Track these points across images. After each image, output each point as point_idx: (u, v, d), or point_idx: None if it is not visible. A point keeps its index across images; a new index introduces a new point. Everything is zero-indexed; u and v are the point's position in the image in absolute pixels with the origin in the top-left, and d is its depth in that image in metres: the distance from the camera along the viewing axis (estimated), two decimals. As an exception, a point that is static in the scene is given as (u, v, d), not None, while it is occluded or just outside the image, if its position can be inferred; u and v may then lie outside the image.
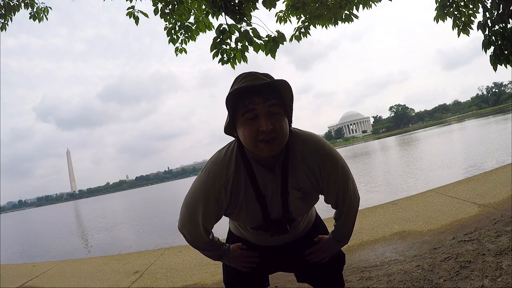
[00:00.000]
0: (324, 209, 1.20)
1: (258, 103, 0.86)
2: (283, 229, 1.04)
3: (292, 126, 1.00)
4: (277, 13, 3.50)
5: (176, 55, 3.42)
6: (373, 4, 3.40)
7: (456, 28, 3.14)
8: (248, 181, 0.96)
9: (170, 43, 3.32)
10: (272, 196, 0.98)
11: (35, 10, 3.69)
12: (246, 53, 2.74)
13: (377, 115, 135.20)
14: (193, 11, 3.29)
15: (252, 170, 0.96)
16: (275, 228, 1.03)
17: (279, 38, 2.60)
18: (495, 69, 2.57)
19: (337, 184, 1.00)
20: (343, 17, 3.43)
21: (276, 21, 3.56)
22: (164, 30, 3.27)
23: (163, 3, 3.13)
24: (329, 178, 0.98)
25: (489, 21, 2.60)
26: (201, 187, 0.97)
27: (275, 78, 0.90)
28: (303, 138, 0.97)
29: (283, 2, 3.47)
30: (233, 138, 1.01)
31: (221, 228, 1.31)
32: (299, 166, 0.97)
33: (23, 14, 3.74)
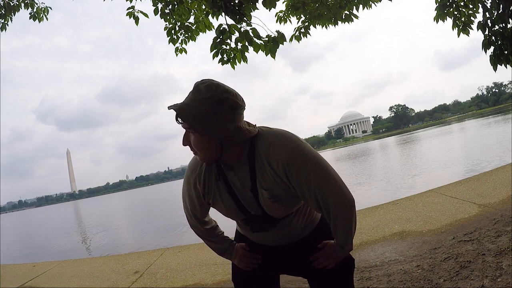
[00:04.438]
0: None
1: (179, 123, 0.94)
2: (262, 226, 1.06)
3: (260, 125, 1.00)
4: (277, 13, 3.50)
5: (176, 55, 3.42)
6: (373, 4, 3.40)
7: (456, 28, 3.14)
8: (218, 174, 1.03)
9: (170, 43, 3.32)
10: (241, 192, 1.01)
11: (35, 10, 3.69)
12: (246, 53, 2.74)
13: (377, 115, 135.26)
14: (193, 11, 3.29)
15: (220, 165, 1.02)
16: (253, 224, 1.07)
17: (279, 38, 2.60)
18: (495, 69, 2.57)
19: (311, 186, 0.93)
20: (343, 17, 3.43)
21: (276, 21, 3.56)
22: (164, 30, 3.27)
23: (163, 3, 3.13)
24: (299, 181, 0.92)
25: (489, 21, 2.59)
26: (185, 179, 1.10)
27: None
28: (268, 140, 0.94)
29: (283, 2, 3.46)
30: None
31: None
32: (264, 168, 0.94)
33: (26, 15, 3.74)
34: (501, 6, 2.47)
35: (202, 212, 1.10)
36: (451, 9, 3.12)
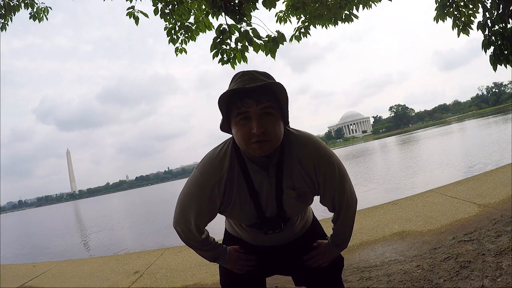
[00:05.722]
0: (322, 210, 1.19)
1: (251, 106, 0.85)
2: (277, 227, 1.04)
3: (290, 126, 1.00)
4: (277, 13, 3.50)
5: (176, 55, 3.42)
6: (373, 4, 3.40)
7: (456, 28, 3.14)
8: (242, 178, 0.96)
9: (170, 43, 3.32)
10: (266, 194, 0.98)
11: (35, 10, 3.69)
12: (246, 53, 2.74)
13: (377, 115, 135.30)
14: (193, 11, 3.29)
15: (246, 168, 0.96)
16: (269, 226, 1.03)
17: (279, 38, 2.60)
18: (495, 69, 2.57)
19: (333, 185, 0.99)
20: (343, 17, 3.43)
21: (276, 21, 3.56)
22: (164, 30, 3.27)
23: (163, 3, 3.13)
24: (325, 179, 0.98)
25: (489, 21, 2.59)
26: (194, 184, 0.97)
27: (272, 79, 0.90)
28: (299, 140, 0.97)
29: (283, 2, 3.46)
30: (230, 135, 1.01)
31: (218, 228, 1.31)
32: (294, 167, 0.96)
33: (26, 15, 3.74)
34: (501, 6, 2.47)
35: (207, 222, 1.03)
36: (451, 9, 3.12)
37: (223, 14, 2.48)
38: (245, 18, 2.46)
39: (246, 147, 0.89)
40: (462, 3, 3.09)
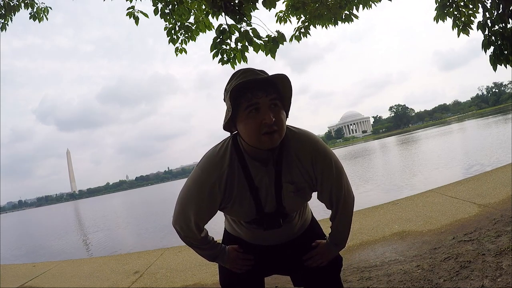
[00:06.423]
0: (322, 210, 1.19)
1: (261, 97, 0.88)
2: (276, 223, 1.05)
3: (287, 124, 1.01)
4: (277, 13, 3.50)
5: (176, 55, 3.42)
6: (373, 4, 3.40)
7: (456, 28, 3.14)
8: (242, 175, 0.97)
9: (170, 43, 3.32)
10: (266, 189, 0.99)
11: (35, 10, 3.69)
12: (246, 53, 2.74)
13: (377, 115, 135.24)
14: (193, 11, 3.29)
15: (246, 164, 0.97)
16: (268, 221, 1.04)
17: (279, 38, 2.60)
18: (495, 69, 2.57)
19: (330, 181, 1.01)
20: (343, 17, 3.43)
21: (276, 21, 3.56)
22: (164, 30, 3.27)
23: (163, 3, 3.13)
24: (322, 174, 1.00)
25: (489, 21, 2.60)
26: (195, 182, 0.98)
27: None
28: (297, 137, 0.99)
29: (283, 2, 3.46)
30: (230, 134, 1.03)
31: (218, 228, 1.31)
32: (293, 162, 0.98)
33: (26, 15, 3.74)
34: (501, 6, 2.47)
35: (207, 220, 1.04)
36: (451, 9, 3.12)
37: (223, 14, 2.48)
38: (245, 18, 2.46)
39: (256, 140, 0.89)
40: (462, 3, 3.09)
